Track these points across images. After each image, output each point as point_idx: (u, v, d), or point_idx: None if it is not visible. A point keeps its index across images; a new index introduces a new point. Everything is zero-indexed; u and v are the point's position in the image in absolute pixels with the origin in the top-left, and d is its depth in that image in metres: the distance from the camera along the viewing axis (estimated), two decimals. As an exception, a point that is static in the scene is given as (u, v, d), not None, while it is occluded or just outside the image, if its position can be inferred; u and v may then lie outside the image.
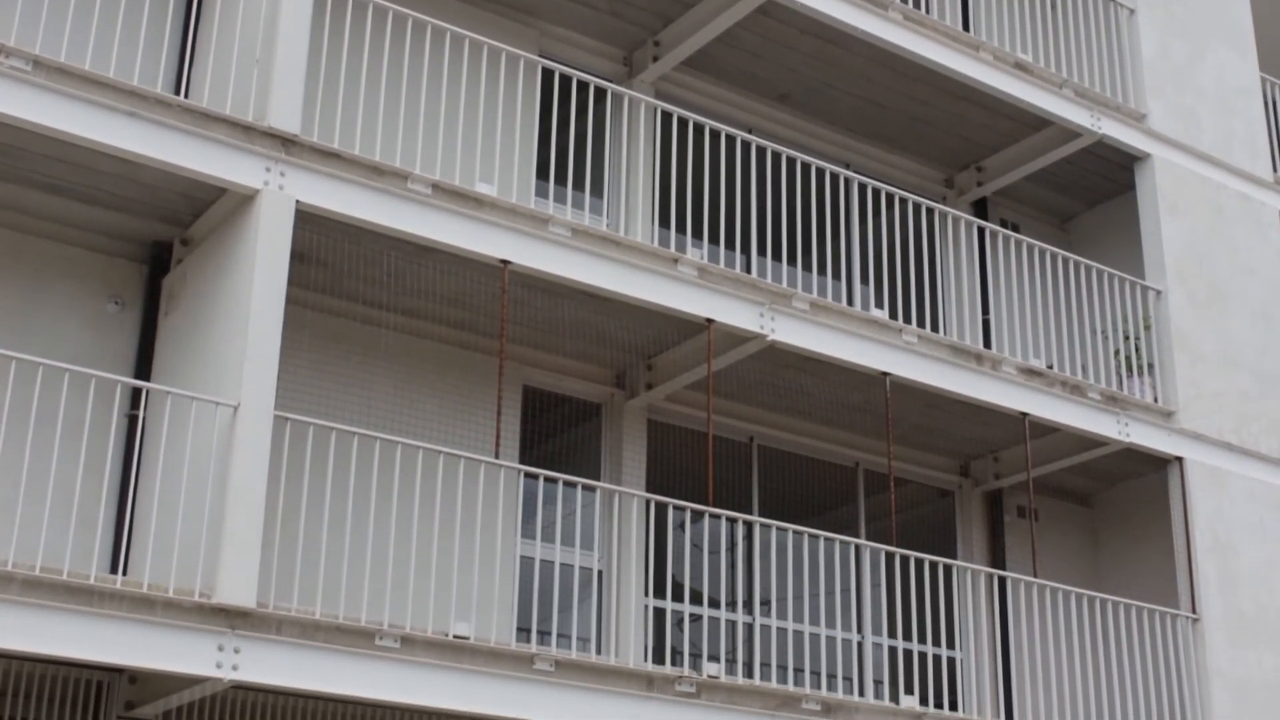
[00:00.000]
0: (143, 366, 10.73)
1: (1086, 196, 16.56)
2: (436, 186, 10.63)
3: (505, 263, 10.87)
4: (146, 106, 9.58)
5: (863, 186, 14.12)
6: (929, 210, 14.14)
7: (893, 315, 14.07)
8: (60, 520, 9.43)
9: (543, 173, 12.48)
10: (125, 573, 9.66)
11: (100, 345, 10.63)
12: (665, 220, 13.14)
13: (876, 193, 14.09)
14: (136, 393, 10.38)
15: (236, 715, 10.13)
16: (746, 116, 14.38)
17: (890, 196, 13.88)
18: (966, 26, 15.06)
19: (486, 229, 10.81)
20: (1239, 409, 14.87)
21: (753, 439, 13.70)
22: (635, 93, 12.56)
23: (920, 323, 14.30)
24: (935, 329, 14.63)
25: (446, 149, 11.75)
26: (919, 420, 13.90)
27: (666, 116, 12.93)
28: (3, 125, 9.29)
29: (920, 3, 14.45)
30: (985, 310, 15.19)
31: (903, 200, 13.88)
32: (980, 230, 15.09)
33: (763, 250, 13.64)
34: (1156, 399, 14.41)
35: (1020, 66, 14.46)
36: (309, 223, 10.34)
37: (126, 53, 10.43)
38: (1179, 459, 14.30)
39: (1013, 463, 14.68)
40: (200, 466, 9.45)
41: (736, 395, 13.31)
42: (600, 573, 12.22)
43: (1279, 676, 14.06)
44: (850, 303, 13.40)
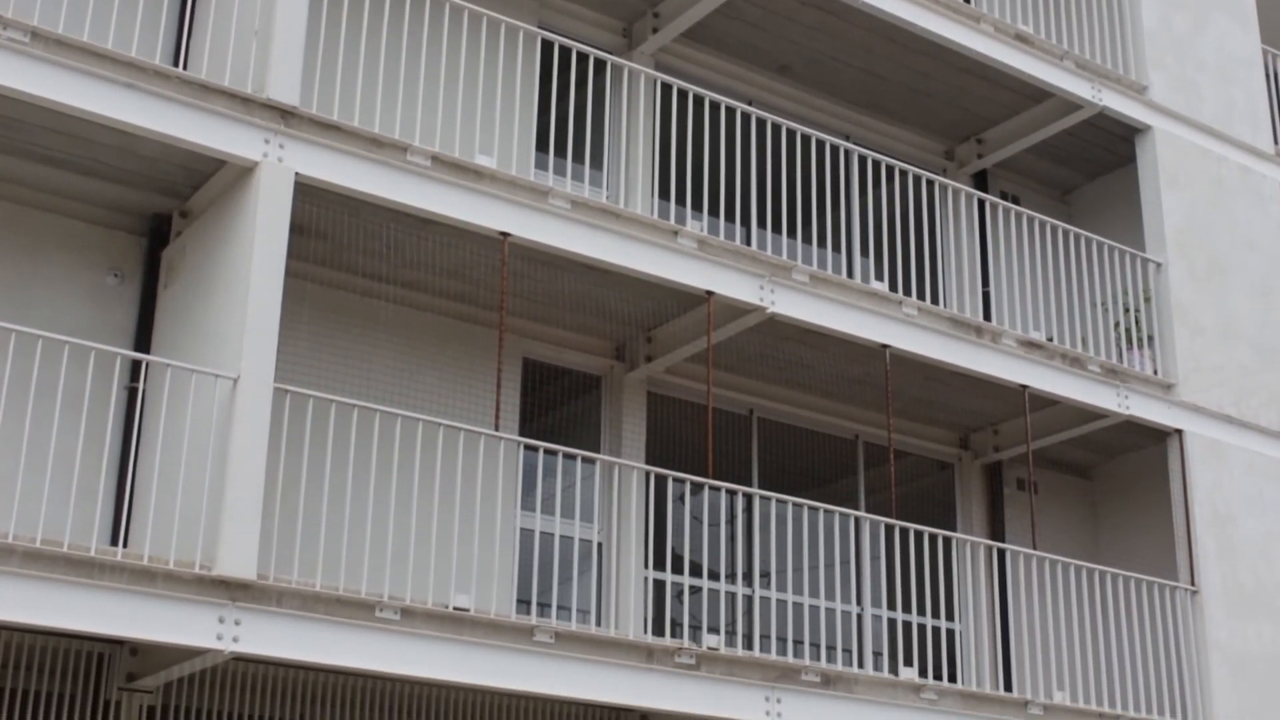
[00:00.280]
0: (142, 339, 10.72)
1: (1087, 169, 16.53)
2: (436, 159, 10.60)
3: (505, 235, 10.85)
4: (145, 78, 9.55)
5: (863, 159, 14.10)
6: (929, 182, 14.12)
7: (893, 288, 14.06)
8: (60, 493, 9.44)
9: (542, 145, 12.45)
10: (126, 545, 9.67)
11: (100, 318, 10.62)
12: (665, 192, 13.12)
13: (877, 165, 14.07)
14: (136, 365, 10.37)
15: (237, 687, 10.17)
16: (746, 88, 14.34)
17: (890, 169, 13.85)
18: (967, -2, 15.04)
19: (486, 201, 10.79)
20: (1239, 382, 14.87)
21: (752, 411, 13.70)
22: (635, 64, 12.52)
23: (920, 295, 14.30)
24: (935, 301, 14.62)
25: (446, 121, 11.73)
26: (919, 393, 13.91)
27: (666, 88, 12.89)
28: (1, 97, 9.26)
29: (921, -26, 14.41)
30: (985, 283, 15.18)
31: (903, 172, 13.86)
32: (980, 203, 15.07)
33: (763, 222, 13.63)
34: (1156, 372, 14.41)
35: (1021, 38, 14.42)
36: (308, 195, 10.32)
37: (125, 24, 10.39)
38: (1178, 431, 14.31)
39: (1012, 435, 14.69)
40: (200, 439, 9.45)
41: (736, 368, 13.31)
42: (600, 545, 12.24)
43: (1278, 648, 14.09)
44: (850, 275, 13.39)
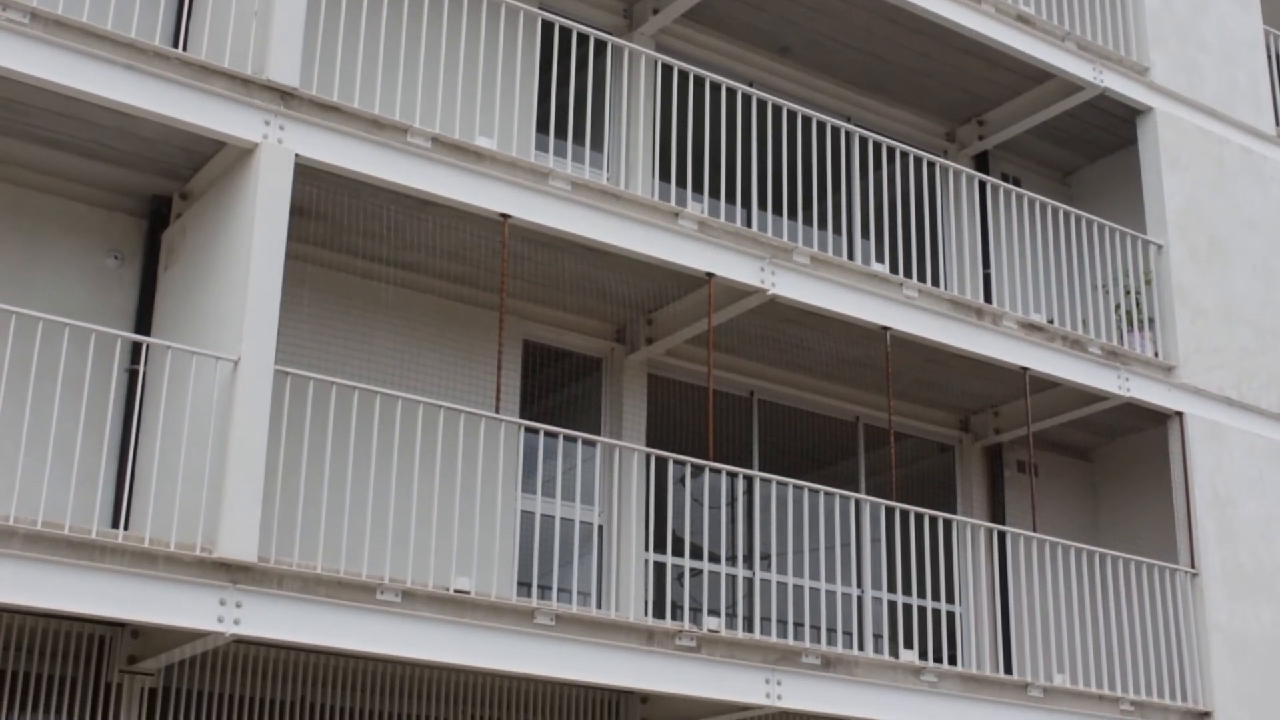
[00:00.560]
0: (143, 321, 10.71)
1: (1088, 150, 16.51)
2: (436, 140, 10.58)
3: (505, 217, 10.83)
4: (145, 59, 9.52)
5: (863, 140, 14.07)
6: (930, 164, 14.09)
7: (893, 269, 14.04)
8: (61, 475, 9.44)
9: (543, 126, 12.42)
10: (127, 527, 9.66)
11: (100, 300, 10.61)
12: (665, 174, 13.10)
13: (877, 146, 14.04)
14: (136, 347, 10.36)
15: (238, 669, 10.18)
16: (747, 70, 14.31)
17: (891, 150, 13.82)
18: (968, -21, 14.98)
19: (486, 183, 10.77)
20: (1239, 364, 14.87)
21: (753, 393, 13.69)
22: (635, 45, 12.49)
23: (921, 277, 14.28)
24: (936, 283, 14.61)
25: (446, 102, 11.70)
26: (919, 375, 13.90)
27: (667, 70, 12.86)
28: (0, 79, 9.24)
29: (922, -45, 14.36)
30: (986, 264, 15.16)
31: (904, 154, 13.83)
32: (981, 184, 15.04)
33: (763, 204, 13.61)
34: (1157, 354, 14.41)
35: (1022, 19, 14.38)
36: (308, 176, 10.29)
37: (124, 5, 10.35)
38: (1179, 414, 14.31)
39: (1013, 417, 14.69)
40: (201, 421, 9.45)
41: (737, 350, 13.30)
42: (600, 527, 12.24)
43: (1277, 631, 14.11)
44: (851, 257, 13.37)
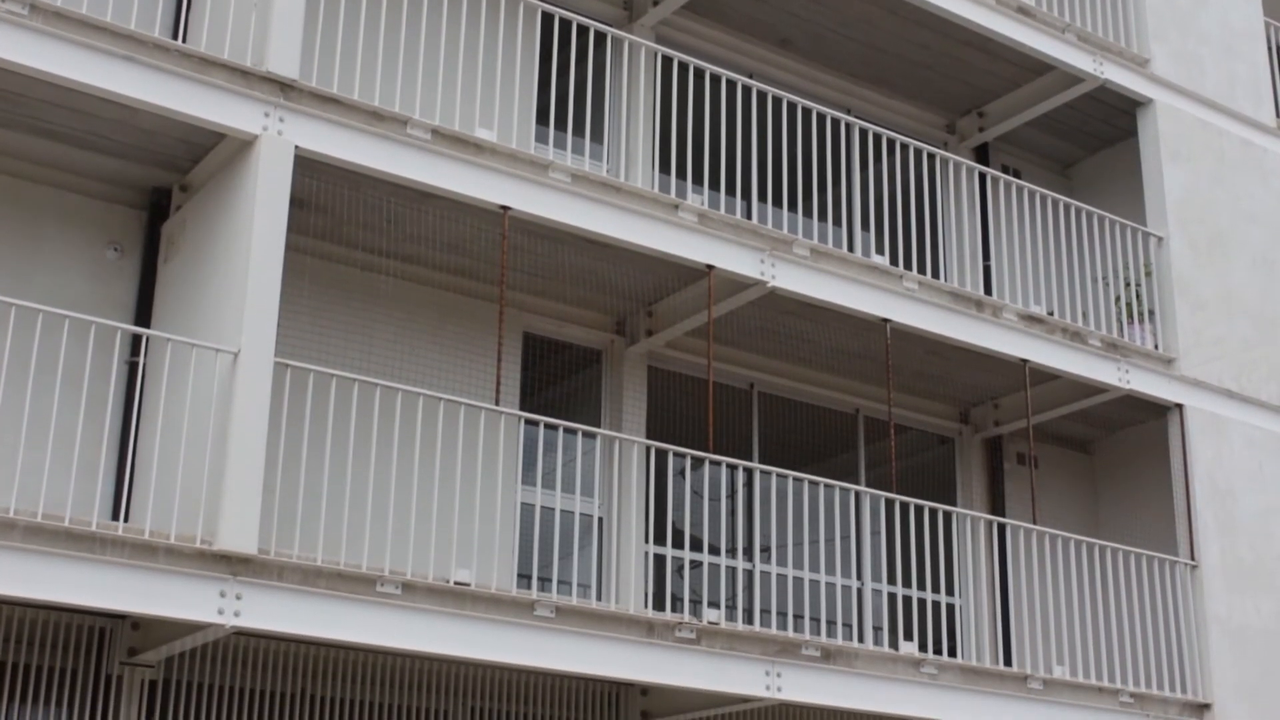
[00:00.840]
0: (142, 313, 10.70)
1: (1088, 142, 16.49)
2: (436, 132, 10.57)
3: (505, 209, 10.83)
4: (144, 51, 9.52)
5: (864, 132, 14.06)
6: (930, 156, 14.08)
7: (893, 261, 14.04)
8: (62, 467, 9.44)
9: (542, 118, 12.41)
10: (127, 519, 9.66)
11: (100, 292, 10.60)
12: (665, 166, 13.09)
13: (878, 138, 14.04)
14: (136, 339, 10.36)
15: (238, 661, 10.18)
16: (747, 61, 14.29)
17: (891, 142, 13.81)
18: (969, -30, 14.96)
19: (486, 175, 10.76)
20: (1239, 356, 14.86)
21: (753, 385, 13.69)
22: (635, 37, 12.48)
23: (921, 269, 14.28)
24: (936, 275, 14.61)
25: (446, 94, 11.69)
26: (919, 367, 13.89)
27: (667, 61, 12.85)
28: (0, 70, 9.23)
29: (923, -54, 14.34)
30: (986, 256, 15.16)
31: (904, 146, 13.82)
32: (981, 176, 15.03)
33: (763, 196, 13.60)
34: (1157, 346, 14.40)
35: (1023, 10, 14.36)
36: (308, 168, 10.29)
37: (123, -3, 10.36)
38: (1179, 406, 14.30)
39: (1013, 409, 14.69)
40: (201, 413, 9.44)
41: (737, 342, 13.29)
42: (601, 519, 12.24)
43: (1277, 623, 14.11)
44: (851, 249, 13.37)
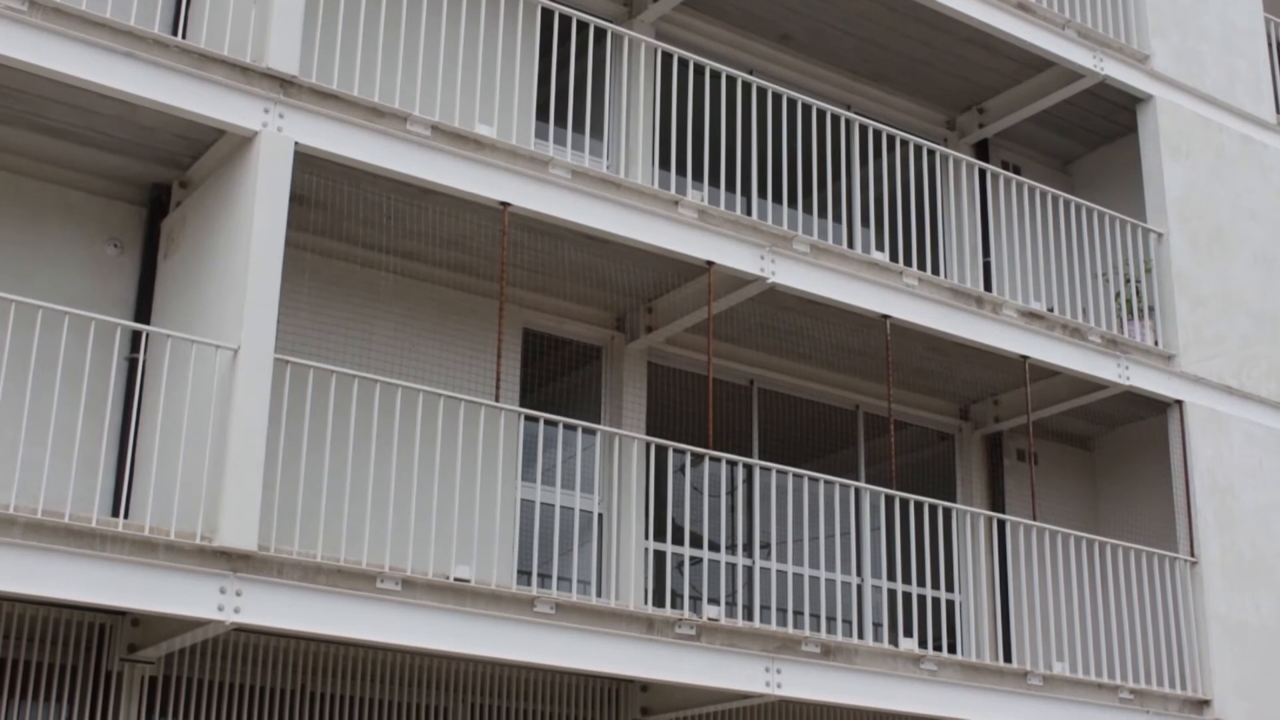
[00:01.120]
0: (142, 309, 10.70)
1: (1088, 138, 16.49)
2: (436, 128, 10.57)
3: (505, 205, 10.82)
4: (144, 47, 9.51)
5: (864, 128, 14.05)
6: (930, 152, 14.08)
7: (893, 258, 14.04)
8: (62, 464, 9.44)
9: (542, 114, 12.41)
10: (127, 516, 9.66)
11: (99, 288, 10.59)
12: (665, 162, 13.08)
13: (877, 134, 14.03)
14: (136, 336, 10.35)
15: (238, 657, 10.18)
16: (747, 57, 14.28)
17: (891, 138, 13.81)
18: (969, -34, 14.94)
19: (486, 171, 10.75)
20: (1239, 352, 14.86)
21: (753, 382, 13.69)
22: (635, 33, 12.46)
23: (921, 265, 14.28)
24: (936, 272, 14.61)
25: (446, 90, 11.68)
26: (919, 363, 13.89)
27: (667, 57, 12.84)
28: (0, 66, 9.23)
29: (922, -57, 14.33)
30: (986, 253, 15.15)
31: (904, 142, 13.81)
32: (981, 172, 15.03)
33: (763, 192, 13.59)
34: (1157, 342, 14.40)
35: (1022, 6, 14.35)
36: (308, 165, 10.28)
37: (123, -7, 10.35)
38: (1179, 402, 14.30)
39: (1012, 406, 14.68)
40: (201, 410, 9.44)
41: (737, 338, 13.29)
42: (600, 516, 12.24)
43: (1277, 620, 14.11)
44: (851, 245, 13.37)
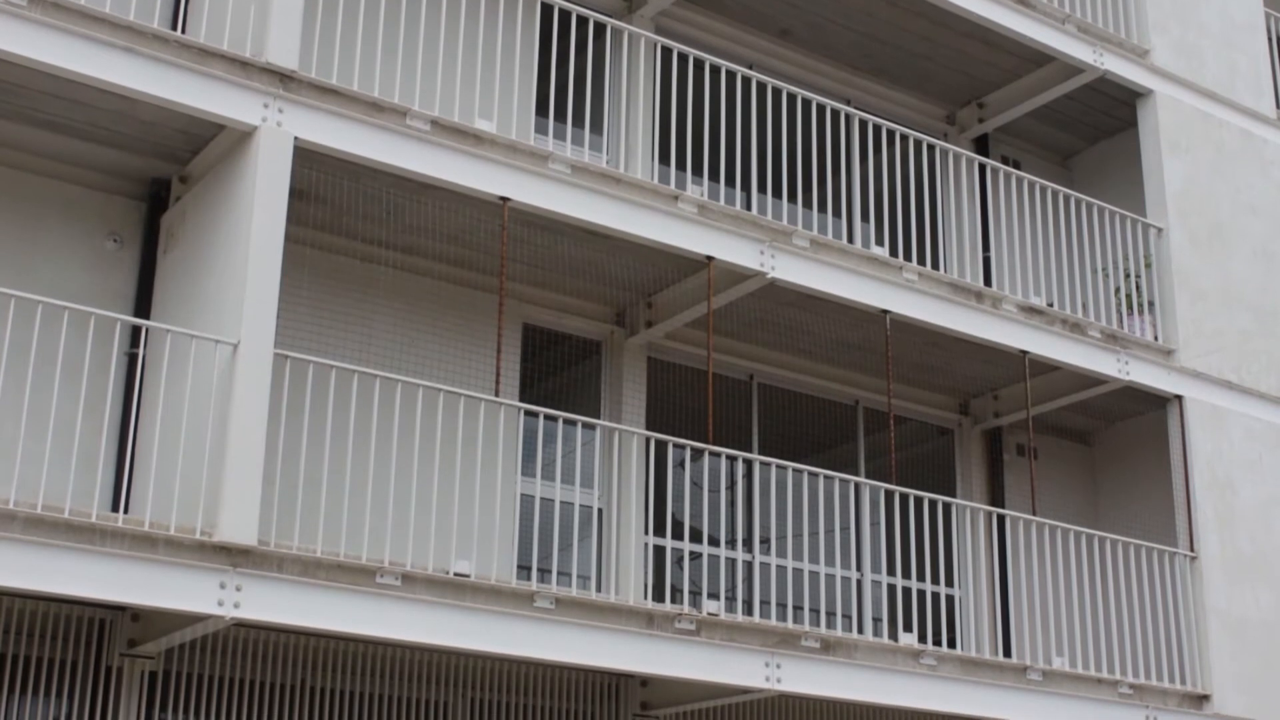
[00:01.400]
0: (142, 304, 10.70)
1: (1088, 133, 16.48)
2: (435, 123, 10.56)
3: (505, 200, 10.82)
4: (144, 42, 9.50)
5: (864, 123, 14.04)
6: (930, 147, 14.07)
7: (893, 253, 14.04)
8: (61, 459, 9.43)
9: (542, 109, 12.40)
10: (127, 511, 9.65)
11: (99, 283, 10.59)
12: (665, 157, 13.08)
13: (877, 129, 14.02)
14: (136, 331, 10.35)
15: (238, 653, 10.19)
16: (747, 52, 14.28)
17: (891, 133, 13.80)
18: (969, -39, 14.93)
19: (486, 166, 10.75)
20: (1239, 347, 14.86)
21: (753, 377, 13.68)
22: (635, 28, 12.46)
23: (921, 260, 14.28)
24: (936, 266, 14.60)
25: (445, 85, 11.67)
26: (919, 358, 13.89)
27: (667, 52, 12.83)
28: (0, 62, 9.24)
29: (923, -63, 14.32)
30: (986, 248, 15.14)
31: (904, 137, 13.80)
32: (981, 167, 15.02)
33: (763, 187, 13.59)
34: (1157, 337, 14.40)
35: (1022, 1, 14.34)
36: (308, 160, 10.28)
37: (123, -13, 10.34)
38: (1178, 397, 14.30)
39: (1012, 401, 14.69)
40: (200, 405, 9.44)
41: (737, 333, 13.29)
42: (600, 510, 12.24)
43: (1276, 615, 14.12)
44: (850, 240, 13.35)
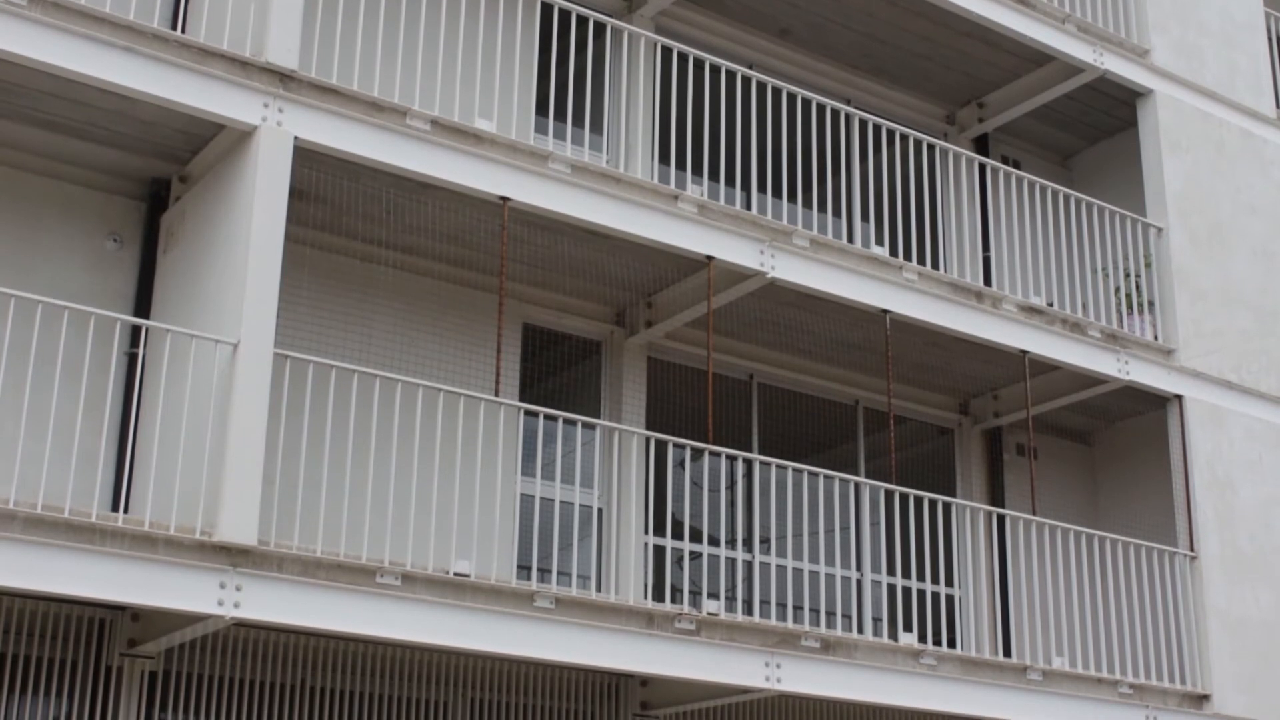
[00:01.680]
0: (142, 304, 10.70)
1: (1088, 133, 16.48)
2: (435, 123, 10.56)
3: (505, 199, 10.82)
4: (144, 42, 9.50)
5: (864, 123, 14.04)
6: (930, 147, 14.06)
7: (893, 252, 14.03)
8: (61, 458, 9.43)
9: (542, 109, 12.39)
10: (127, 511, 9.66)
11: (99, 283, 10.59)
12: (665, 157, 13.07)
13: (877, 129, 14.02)
14: (136, 330, 10.35)
15: (238, 652, 10.19)
16: (747, 52, 14.27)
17: (891, 133, 13.80)
18: (969, -39, 14.92)
19: (486, 165, 10.75)
20: (1239, 347, 14.86)
21: (752, 376, 13.68)
22: (635, 28, 12.46)
23: (921, 260, 14.27)
24: (936, 266, 14.60)
25: (445, 85, 11.67)
26: (919, 358, 13.89)
27: (667, 52, 12.83)
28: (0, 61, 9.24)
29: (923, -63, 14.32)
30: (986, 247, 15.14)
31: (904, 137, 13.80)
32: (981, 167, 15.01)
33: (763, 187, 13.58)
34: (1156, 337, 14.40)
35: (1023, 1, 14.34)
36: (308, 159, 10.28)
37: (123, -13, 10.34)
38: (1178, 397, 14.30)
39: (1012, 401, 14.68)
40: (200, 404, 9.44)
41: (736, 333, 13.29)
42: (600, 510, 12.24)
43: (1276, 614, 14.12)
44: (850, 240, 13.35)
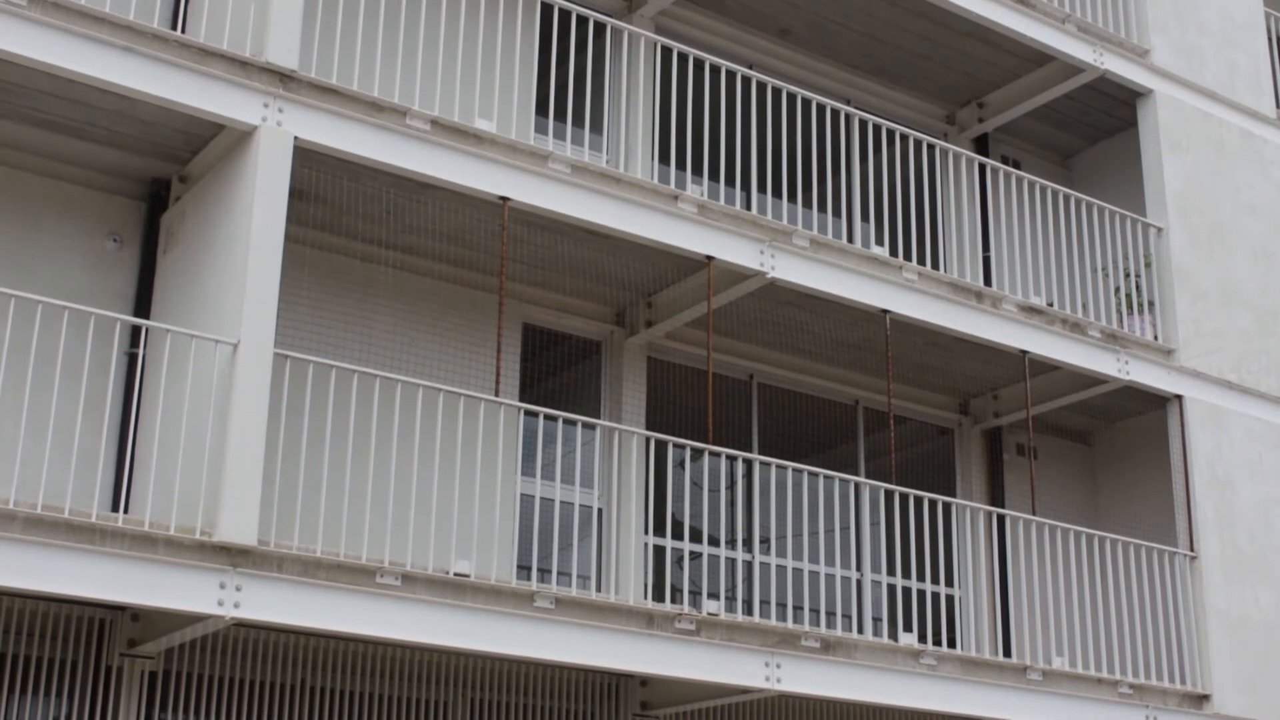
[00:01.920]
0: (142, 304, 10.70)
1: (1088, 133, 16.48)
2: (435, 123, 10.56)
3: (505, 199, 10.82)
4: (143, 42, 9.50)
5: (864, 123, 14.04)
6: (930, 147, 14.07)
7: (893, 252, 14.03)
8: (61, 458, 9.43)
9: (542, 109, 12.39)
10: (127, 511, 9.66)
11: (99, 283, 10.59)
12: (665, 157, 13.07)
13: (877, 129, 14.02)
14: (136, 330, 10.35)
15: (238, 653, 10.19)
16: (747, 52, 14.28)
17: (891, 133, 13.80)
18: (969, -39, 14.92)
19: (486, 165, 10.75)
20: (1239, 347, 14.86)
21: (752, 376, 13.68)
22: (635, 28, 12.46)
23: (921, 260, 14.27)
24: (936, 266, 14.60)
25: (445, 84, 11.67)
26: (919, 358, 13.89)
27: (667, 52, 12.83)
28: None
29: (923, -63, 14.32)
30: (986, 247, 15.14)
31: (904, 137, 13.80)
32: (981, 167, 15.02)
33: (763, 187, 13.58)
34: (1156, 337, 14.40)
35: (1022, 1, 14.34)
36: (308, 159, 10.28)
37: (122, -13, 10.34)
38: (1178, 397, 14.30)
39: (1012, 401, 14.68)
40: (200, 404, 9.44)
41: (736, 333, 13.29)
42: (600, 510, 12.24)
43: (1276, 614, 14.12)
44: (850, 240, 13.36)
